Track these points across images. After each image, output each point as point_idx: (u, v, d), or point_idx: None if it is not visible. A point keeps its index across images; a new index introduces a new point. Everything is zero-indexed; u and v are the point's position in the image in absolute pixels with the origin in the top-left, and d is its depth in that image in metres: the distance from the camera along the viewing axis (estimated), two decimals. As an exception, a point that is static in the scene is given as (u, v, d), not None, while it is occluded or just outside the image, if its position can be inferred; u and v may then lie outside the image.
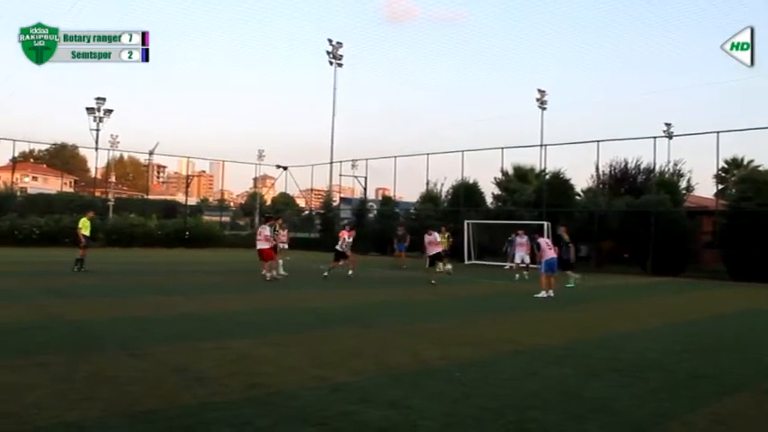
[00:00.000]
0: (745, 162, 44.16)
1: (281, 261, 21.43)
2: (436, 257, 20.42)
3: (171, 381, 6.31)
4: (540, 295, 16.34)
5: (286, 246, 32.95)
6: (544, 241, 17.25)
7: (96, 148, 45.50)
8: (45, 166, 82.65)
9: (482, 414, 5.50)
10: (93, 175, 54.58)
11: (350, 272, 20.67)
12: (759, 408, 6.09)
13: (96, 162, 53.14)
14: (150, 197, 57.22)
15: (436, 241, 20.59)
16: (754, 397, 6.51)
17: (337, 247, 20.84)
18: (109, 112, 45.58)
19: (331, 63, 49.47)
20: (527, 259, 22.78)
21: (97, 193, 49.10)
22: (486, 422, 5.28)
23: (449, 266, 23.40)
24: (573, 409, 5.80)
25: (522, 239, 23.32)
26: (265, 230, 19.28)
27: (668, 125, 48.84)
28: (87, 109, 45.14)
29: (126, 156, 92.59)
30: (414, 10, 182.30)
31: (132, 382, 6.15)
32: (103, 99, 45.16)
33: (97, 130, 44.96)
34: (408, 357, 8.00)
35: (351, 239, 21.14)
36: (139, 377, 6.39)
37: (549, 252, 16.90)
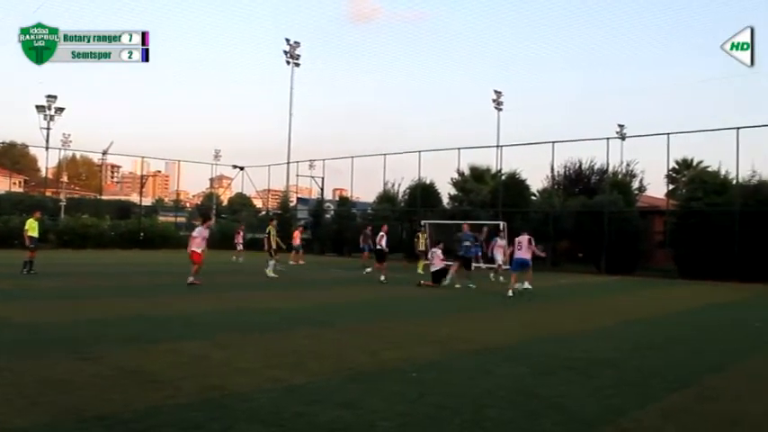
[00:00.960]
0: (694, 163, 45.22)
1: (271, 263, 21.14)
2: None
3: (123, 384, 6.20)
4: (510, 294, 16.54)
5: (241, 247, 32.95)
6: (525, 239, 17.24)
7: (47, 147, 44.52)
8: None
9: (438, 413, 5.53)
10: (43, 175, 53.37)
11: (366, 270, 20.34)
12: (704, 403, 6.25)
13: (47, 161, 52.14)
14: (104, 197, 56.33)
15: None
16: (699, 393, 6.68)
17: (380, 248, 20.77)
18: (60, 110, 44.62)
19: (288, 63, 49.22)
20: (500, 260, 22.80)
21: (48, 193, 48.08)
22: (442, 421, 5.31)
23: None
24: (528, 406, 5.88)
25: (502, 241, 23.33)
26: (194, 232, 17.95)
27: (621, 126, 49.82)
28: (37, 107, 44.11)
29: (78, 155, 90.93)
30: (378, 10, 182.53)
31: (83, 386, 6.03)
32: (54, 97, 44.19)
33: (48, 128, 43.99)
34: (366, 358, 8.00)
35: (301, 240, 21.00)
36: (91, 381, 6.27)
37: (519, 252, 17.04)
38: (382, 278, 20.18)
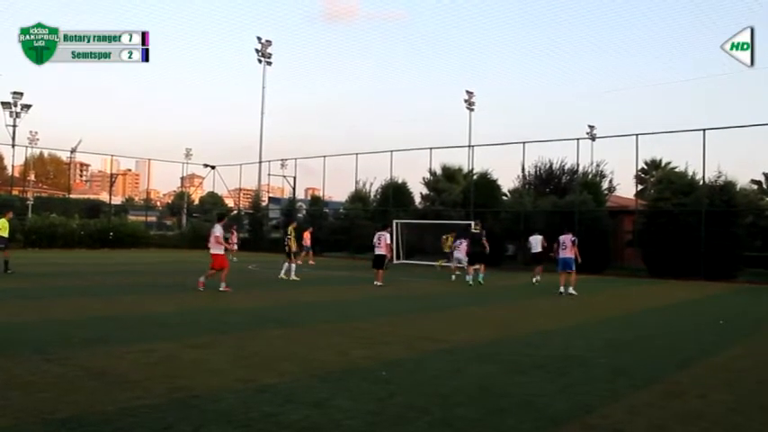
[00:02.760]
0: (663, 163, 45.83)
1: (293, 266, 20.53)
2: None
3: (90, 386, 6.12)
4: (570, 292, 17.28)
5: (235, 247, 32.74)
6: (569, 239, 17.72)
7: (13, 145, 43.64)
8: (-43, 163, 79.03)
9: (407, 412, 5.54)
10: (10, 174, 52.43)
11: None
12: (670, 399, 6.34)
13: (13, 159, 51.08)
14: (72, 196, 55.48)
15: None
16: (666, 389, 6.77)
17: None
18: (27, 107, 43.81)
19: (260, 61, 48.99)
20: (464, 261, 22.75)
21: (15, 192, 47.27)
22: (411, 420, 5.32)
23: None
24: (496, 404, 5.91)
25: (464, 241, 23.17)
26: (216, 231, 16.47)
27: (591, 127, 50.36)
28: (2, 104, 43.28)
29: (46, 153, 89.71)
30: (354, 9, 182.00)
31: (48, 388, 5.93)
32: (20, 94, 43.40)
33: (14, 126, 43.14)
34: (335, 357, 7.99)
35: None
36: (56, 382, 6.17)
37: (564, 252, 17.48)
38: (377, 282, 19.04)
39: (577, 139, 32.95)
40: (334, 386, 6.40)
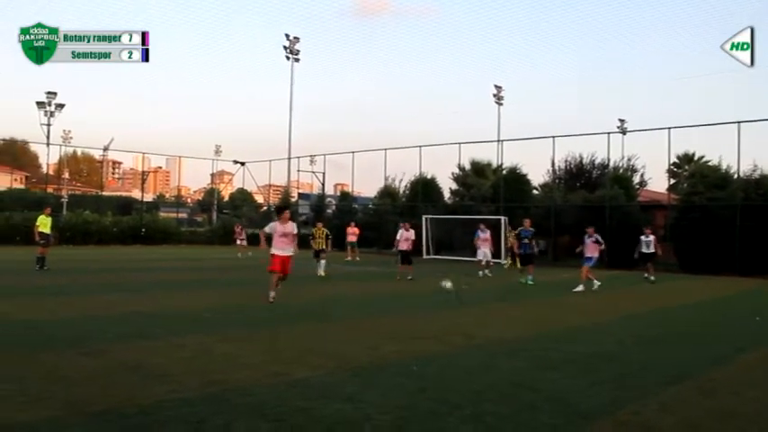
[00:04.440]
0: (695, 157, 45.12)
1: (323, 262, 20.62)
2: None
3: (126, 379, 6.24)
4: (577, 289, 17.66)
5: (245, 243, 32.98)
6: (591, 240, 18.63)
7: (48, 144, 44.33)
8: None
9: (438, 407, 5.57)
10: (44, 172, 53.38)
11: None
12: (703, 396, 6.29)
13: (48, 158, 51.77)
14: (105, 193, 56.41)
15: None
16: (699, 386, 6.71)
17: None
18: (60, 106, 44.49)
19: (288, 58, 49.15)
20: (489, 255, 22.63)
21: (50, 190, 48.10)
22: (441, 415, 5.35)
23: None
24: (527, 400, 5.91)
25: (485, 234, 22.81)
26: (279, 228, 13.08)
27: (622, 121, 49.74)
28: (38, 103, 43.99)
29: (79, 152, 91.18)
30: (384, 4, 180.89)
31: (86, 382, 6.07)
32: (54, 93, 44.08)
33: (48, 124, 43.81)
34: (367, 352, 8.04)
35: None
36: (93, 376, 6.31)
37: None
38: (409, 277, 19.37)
39: (608, 132, 32.61)
40: (365, 381, 6.46)
